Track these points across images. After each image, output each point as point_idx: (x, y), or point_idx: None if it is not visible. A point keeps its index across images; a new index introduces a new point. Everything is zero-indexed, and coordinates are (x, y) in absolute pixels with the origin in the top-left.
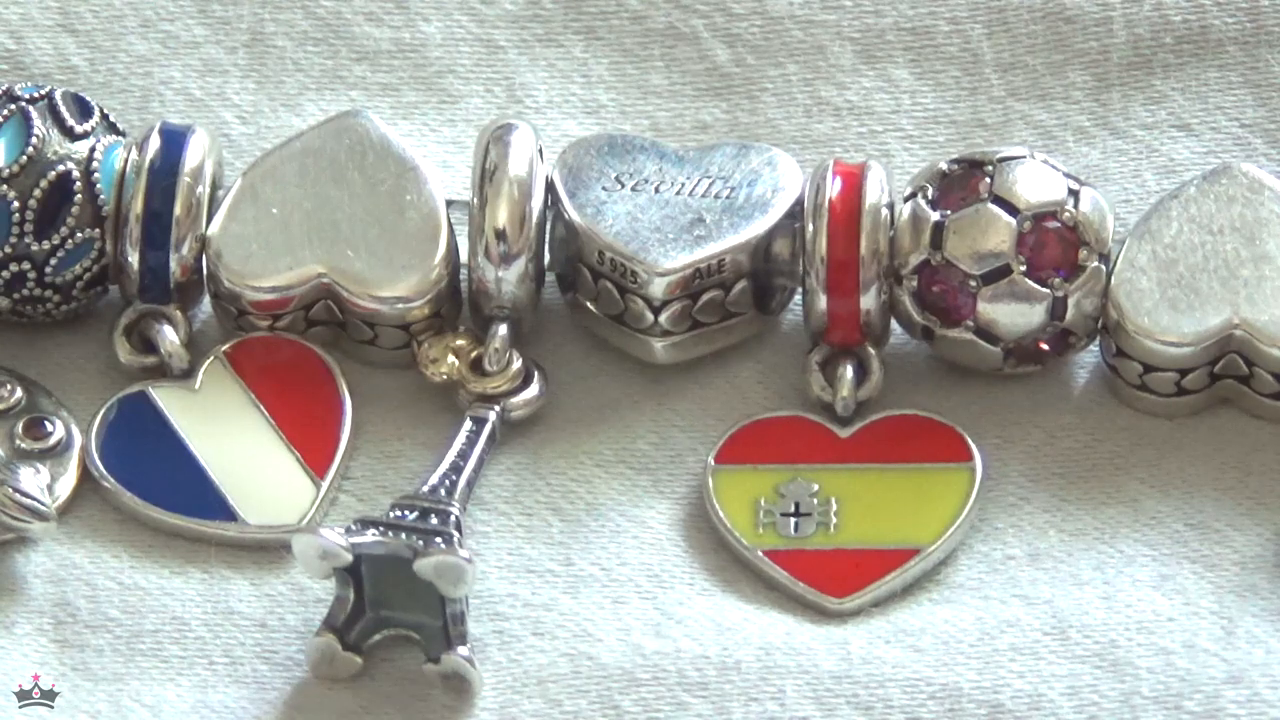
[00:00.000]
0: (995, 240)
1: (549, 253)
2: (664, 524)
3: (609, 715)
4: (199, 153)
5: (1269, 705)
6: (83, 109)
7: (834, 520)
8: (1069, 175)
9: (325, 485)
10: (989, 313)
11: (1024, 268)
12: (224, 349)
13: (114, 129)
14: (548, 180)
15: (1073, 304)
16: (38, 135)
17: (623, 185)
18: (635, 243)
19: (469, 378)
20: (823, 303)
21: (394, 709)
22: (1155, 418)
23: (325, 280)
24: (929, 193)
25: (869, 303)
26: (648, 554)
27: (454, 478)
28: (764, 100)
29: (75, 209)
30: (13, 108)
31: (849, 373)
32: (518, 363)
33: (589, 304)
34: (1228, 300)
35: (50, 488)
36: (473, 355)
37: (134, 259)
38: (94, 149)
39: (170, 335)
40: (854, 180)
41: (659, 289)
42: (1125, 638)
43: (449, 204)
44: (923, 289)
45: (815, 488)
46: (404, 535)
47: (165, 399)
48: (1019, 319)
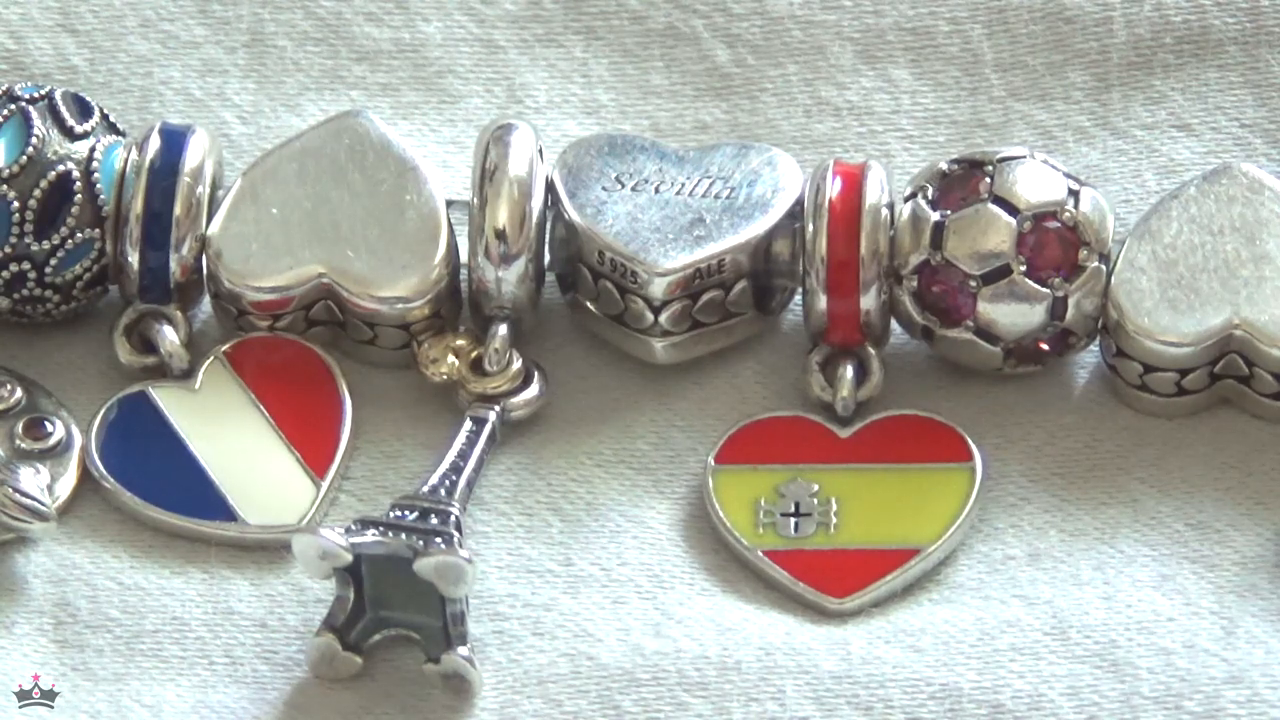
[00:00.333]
0: (995, 240)
1: (549, 253)
2: (664, 524)
3: (609, 715)
4: (199, 153)
5: (1269, 705)
6: (83, 109)
7: (834, 520)
8: (1069, 175)
9: (325, 485)
10: (989, 313)
11: (1024, 268)
12: (224, 349)
13: (114, 129)
14: (548, 180)
15: (1073, 304)
16: (38, 135)
17: (623, 185)
18: (635, 243)
19: (469, 378)
20: (823, 303)
21: (394, 709)
22: (1155, 418)
23: (325, 280)
24: (929, 193)
25: (869, 303)
26: (648, 554)
27: (454, 478)
28: (764, 100)
29: (75, 209)
30: (13, 108)
31: (849, 373)
32: (518, 363)
33: (589, 304)
34: (1228, 300)
35: (50, 488)
36: (473, 355)
37: (134, 259)
38: (94, 149)
39: (170, 335)
40: (854, 180)
41: (659, 289)
42: (1125, 638)
43: (449, 204)
44: (923, 289)
45: (815, 488)
46: (404, 535)
47: (165, 399)
48: (1019, 319)
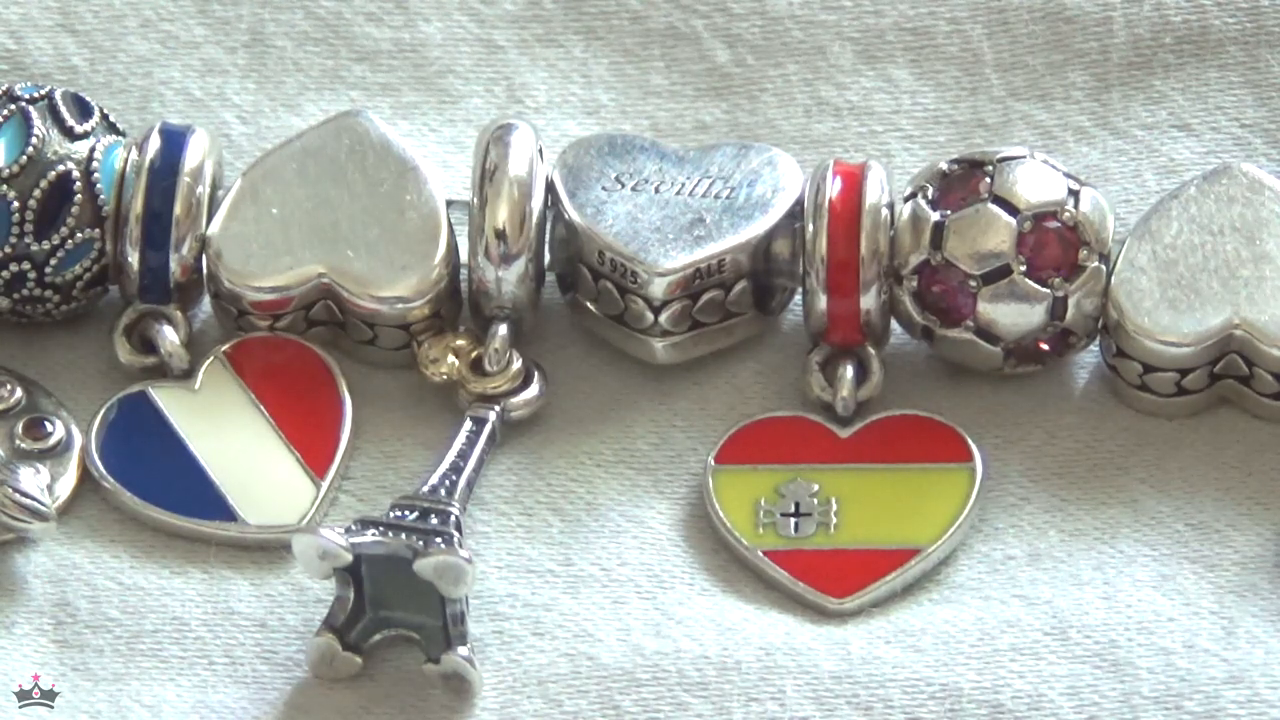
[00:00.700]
0: (995, 240)
1: (549, 253)
2: (664, 524)
3: (609, 715)
4: (199, 153)
5: (1269, 705)
6: (83, 109)
7: (834, 520)
8: (1069, 175)
9: (325, 485)
10: (989, 313)
11: (1024, 268)
12: (224, 349)
13: (114, 129)
14: (548, 180)
15: (1073, 304)
16: (38, 135)
17: (623, 185)
18: (635, 243)
19: (469, 378)
20: (823, 303)
21: (394, 709)
22: (1155, 418)
23: (325, 280)
24: (929, 193)
25: (869, 303)
26: (648, 554)
27: (454, 478)
28: (764, 100)
29: (75, 209)
30: (13, 108)
31: (849, 373)
32: (518, 363)
33: (589, 304)
34: (1228, 300)
35: (50, 488)
36: (473, 355)
37: (134, 259)
38: (94, 149)
39: (170, 335)
40: (854, 180)
41: (659, 289)
42: (1125, 638)
43: (449, 204)
44: (923, 289)
45: (815, 488)
46: (404, 535)
47: (165, 399)
48: (1019, 319)
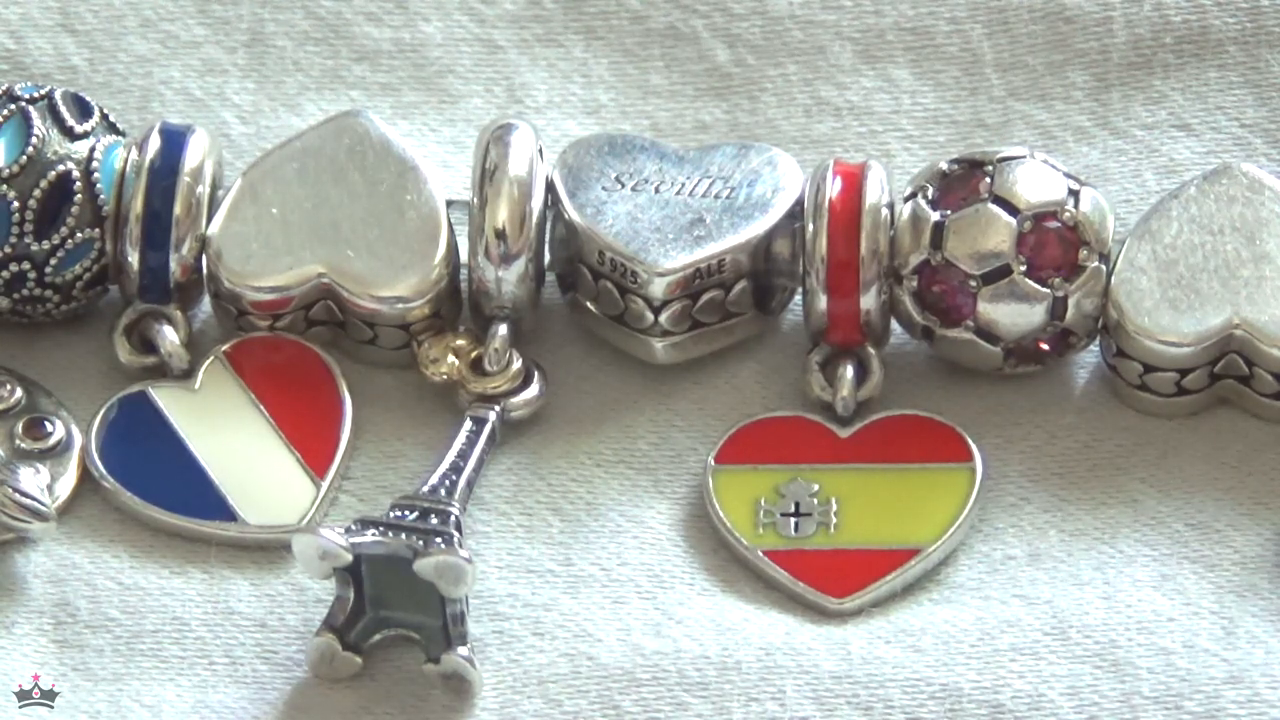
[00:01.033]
0: (995, 240)
1: (549, 253)
2: (664, 524)
3: (609, 715)
4: (199, 153)
5: (1269, 705)
6: (83, 109)
7: (834, 520)
8: (1069, 175)
9: (325, 485)
10: (989, 313)
11: (1024, 268)
12: (224, 349)
13: (114, 129)
14: (548, 180)
15: (1073, 304)
16: (38, 135)
17: (623, 185)
18: (635, 243)
19: (469, 378)
20: (823, 303)
21: (394, 709)
22: (1155, 418)
23: (325, 280)
24: (929, 193)
25: (869, 303)
26: (648, 554)
27: (454, 478)
28: (764, 100)
29: (75, 209)
30: (13, 108)
31: (849, 373)
32: (518, 363)
33: (589, 304)
34: (1228, 300)
35: (50, 488)
36: (473, 355)
37: (134, 259)
38: (94, 149)
39: (170, 335)
40: (854, 180)
41: (659, 289)
42: (1125, 638)
43: (449, 204)
44: (923, 289)
45: (815, 488)
46: (404, 535)
47: (165, 399)
48: (1019, 319)
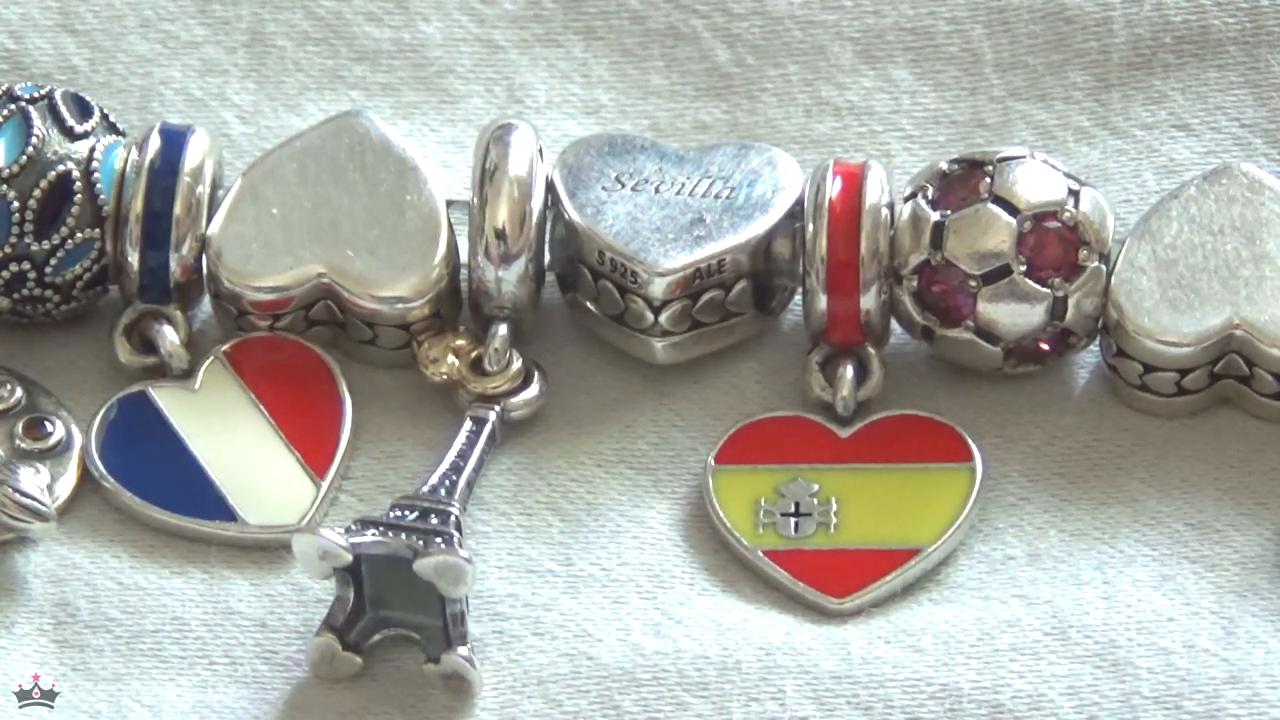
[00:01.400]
0: (995, 240)
1: (549, 253)
2: (664, 524)
3: (609, 715)
4: (199, 153)
5: (1269, 705)
6: (83, 109)
7: (834, 520)
8: (1069, 175)
9: (325, 485)
10: (989, 313)
11: (1024, 268)
12: (224, 349)
13: (114, 129)
14: (548, 180)
15: (1073, 304)
16: (38, 135)
17: (623, 185)
18: (635, 243)
19: (469, 378)
20: (823, 303)
21: (394, 709)
22: (1155, 418)
23: (325, 280)
24: (929, 193)
25: (869, 303)
26: (648, 554)
27: (454, 478)
28: (764, 100)
29: (75, 209)
30: (13, 108)
31: (849, 373)
32: (518, 363)
33: (589, 304)
34: (1228, 300)
35: (50, 488)
36: (473, 355)
37: (134, 259)
38: (94, 149)
39: (170, 335)
40: (854, 180)
41: (659, 289)
42: (1125, 638)
43: (449, 204)
44: (923, 289)
45: (815, 488)
46: (404, 535)
47: (165, 399)
48: (1019, 319)
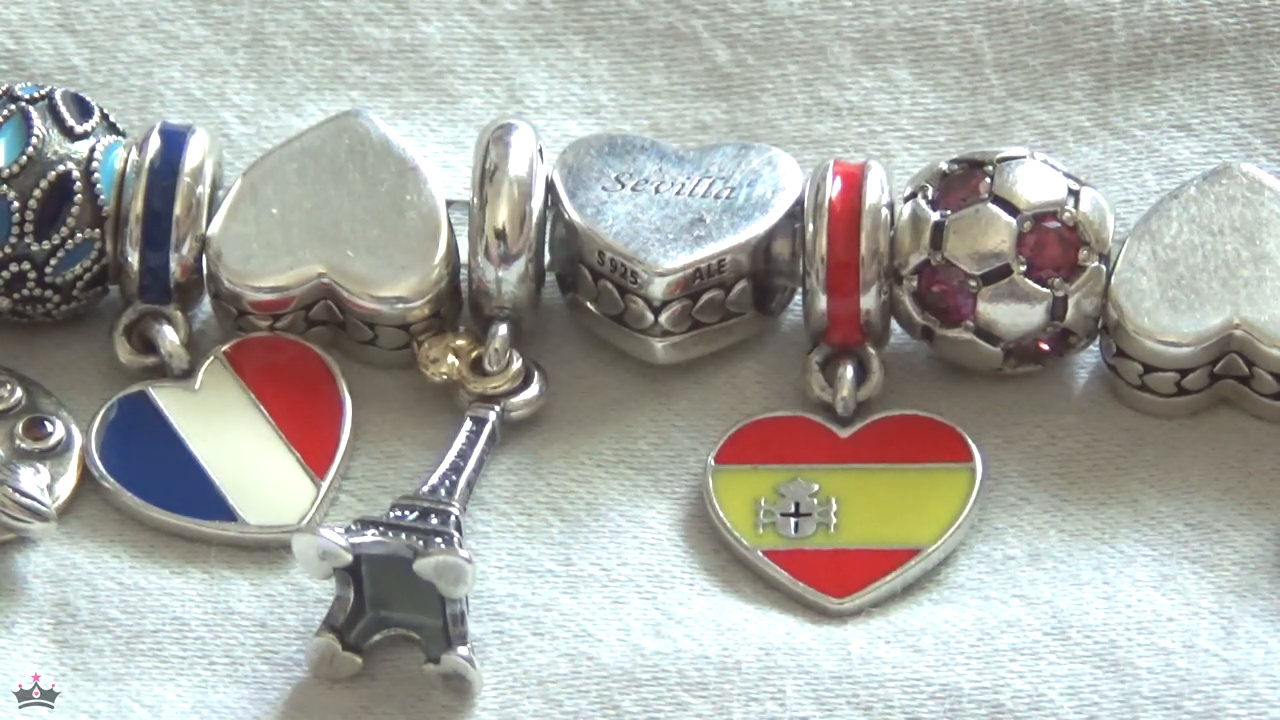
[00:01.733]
0: (995, 240)
1: (549, 253)
2: (664, 524)
3: (609, 715)
4: (199, 153)
5: (1269, 705)
6: (83, 109)
7: (834, 520)
8: (1069, 175)
9: (325, 485)
10: (989, 313)
11: (1024, 268)
12: (224, 349)
13: (114, 129)
14: (548, 180)
15: (1073, 304)
16: (38, 135)
17: (623, 185)
18: (635, 243)
19: (469, 378)
20: (823, 303)
21: (394, 709)
22: (1155, 418)
23: (325, 280)
24: (929, 193)
25: (869, 303)
26: (648, 554)
27: (454, 478)
28: (764, 100)
29: (75, 209)
30: (13, 108)
31: (849, 373)
32: (518, 363)
33: (589, 304)
34: (1228, 300)
35: (50, 488)
36: (473, 355)
37: (134, 259)
38: (94, 149)
39: (170, 335)
40: (854, 180)
41: (659, 289)
42: (1125, 638)
43: (449, 204)
44: (923, 289)
45: (815, 488)
46: (404, 535)
47: (165, 399)
48: (1019, 319)
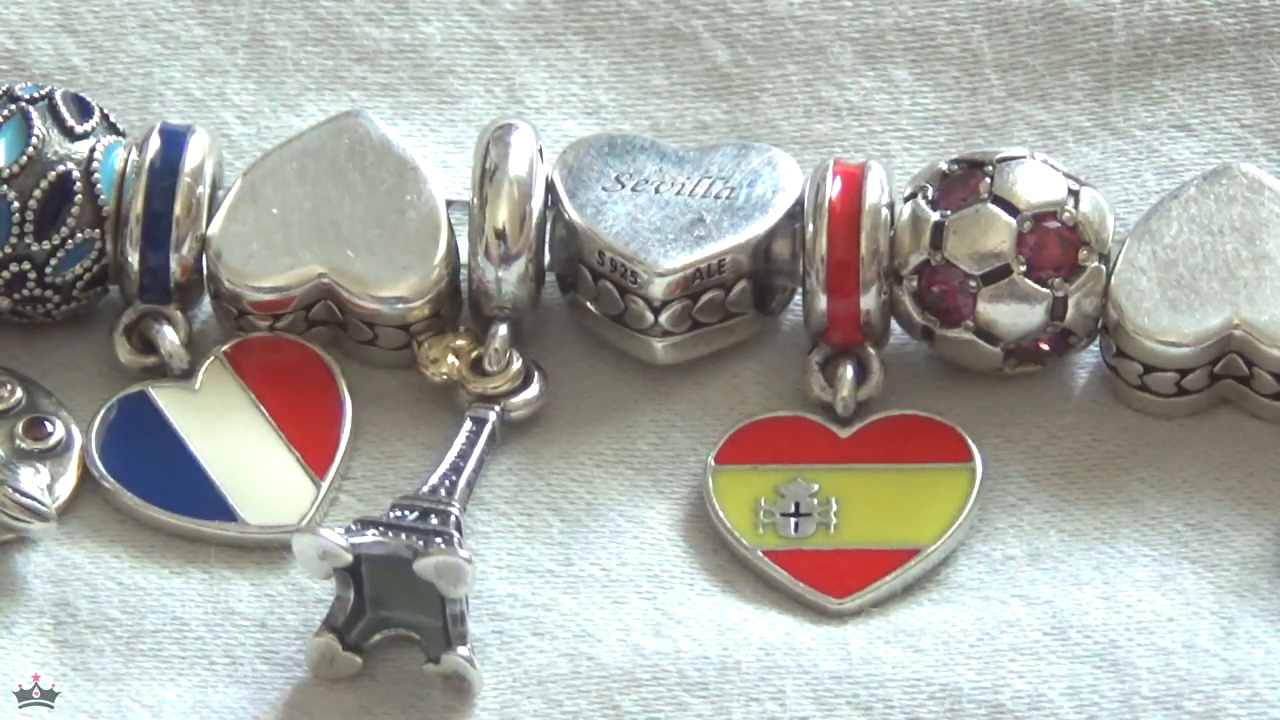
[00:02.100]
0: (995, 240)
1: (549, 253)
2: (664, 524)
3: (609, 715)
4: (199, 153)
5: (1269, 705)
6: (83, 109)
7: (834, 520)
8: (1069, 175)
9: (325, 485)
10: (989, 313)
11: (1024, 268)
12: (224, 349)
13: (114, 129)
14: (548, 180)
15: (1073, 304)
16: (38, 135)
17: (623, 185)
18: (635, 243)
19: (469, 378)
20: (823, 303)
21: (394, 709)
22: (1155, 418)
23: (325, 280)
24: (929, 193)
25: (869, 303)
26: (648, 554)
27: (454, 478)
28: (764, 100)
29: (75, 209)
30: (13, 108)
31: (849, 373)
32: (518, 363)
33: (589, 304)
34: (1228, 300)
35: (50, 488)
36: (473, 355)
37: (134, 259)
38: (94, 149)
39: (170, 335)
40: (854, 180)
41: (659, 289)
42: (1125, 638)
43: (449, 204)
44: (923, 289)
45: (815, 488)
46: (404, 535)
47: (165, 399)
48: (1019, 319)
